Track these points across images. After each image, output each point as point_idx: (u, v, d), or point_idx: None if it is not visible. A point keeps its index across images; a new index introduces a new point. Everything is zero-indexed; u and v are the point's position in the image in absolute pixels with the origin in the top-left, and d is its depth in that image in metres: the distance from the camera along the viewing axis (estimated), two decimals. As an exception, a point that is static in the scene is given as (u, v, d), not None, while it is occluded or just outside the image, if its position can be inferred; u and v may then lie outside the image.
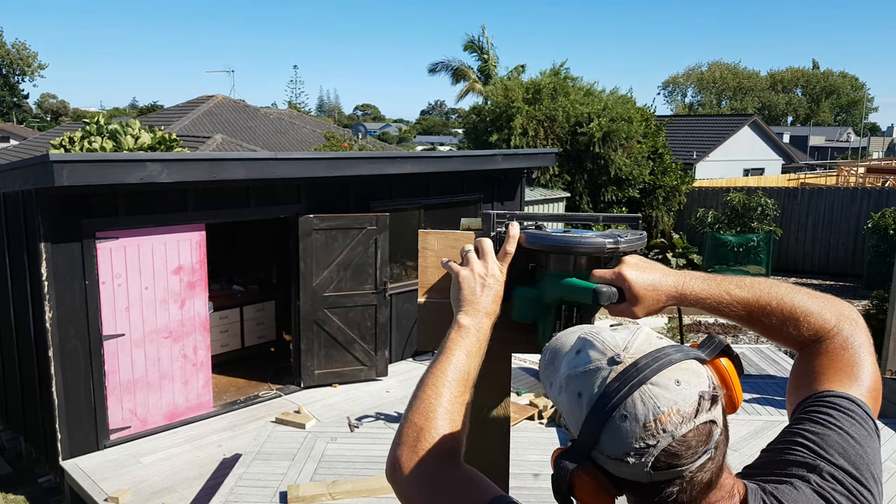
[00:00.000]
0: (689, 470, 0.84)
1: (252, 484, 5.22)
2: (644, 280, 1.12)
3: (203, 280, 6.72)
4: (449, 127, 62.57)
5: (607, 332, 0.91)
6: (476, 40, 21.50)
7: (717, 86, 61.87)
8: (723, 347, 0.94)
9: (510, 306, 1.24)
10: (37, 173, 5.48)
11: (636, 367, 0.84)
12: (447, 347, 1.15)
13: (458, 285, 1.21)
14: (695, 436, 0.83)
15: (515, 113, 15.19)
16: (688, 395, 0.83)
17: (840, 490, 0.92)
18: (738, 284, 1.12)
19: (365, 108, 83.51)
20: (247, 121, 18.28)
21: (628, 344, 0.88)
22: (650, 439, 0.81)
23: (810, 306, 1.09)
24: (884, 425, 6.23)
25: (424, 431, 1.07)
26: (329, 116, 65.29)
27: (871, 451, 0.98)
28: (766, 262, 13.92)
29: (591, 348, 0.89)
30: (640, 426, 0.82)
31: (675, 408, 0.82)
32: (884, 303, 8.29)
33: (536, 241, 1.21)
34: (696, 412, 0.83)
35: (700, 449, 0.83)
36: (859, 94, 61.95)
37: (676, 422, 0.82)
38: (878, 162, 31.92)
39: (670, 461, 0.82)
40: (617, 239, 1.17)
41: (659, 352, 0.86)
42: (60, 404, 5.91)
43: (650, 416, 0.82)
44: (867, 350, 1.07)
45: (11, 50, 50.82)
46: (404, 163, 7.92)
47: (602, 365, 0.86)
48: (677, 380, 0.84)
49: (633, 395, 0.83)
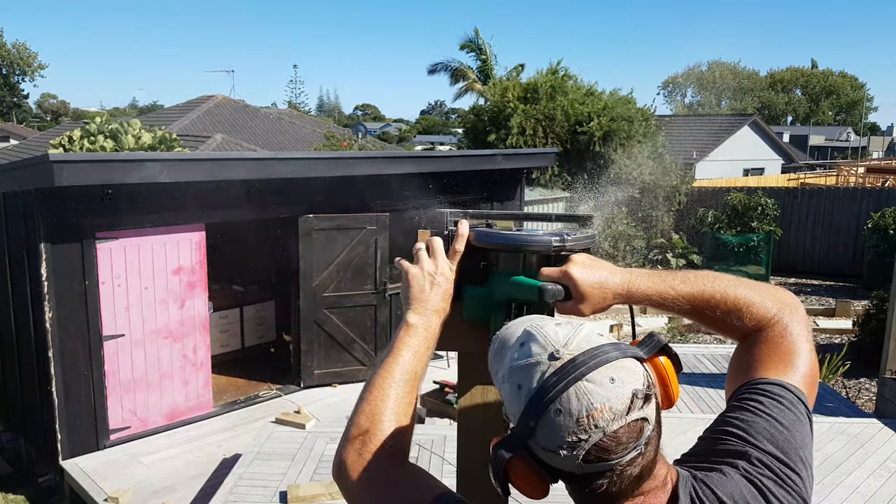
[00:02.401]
0: (619, 464, 0.87)
1: (252, 484, 5.22)
2: (591, 278, 1.14)
3: (203, 280, 6.72)
4: (448, 127, 62.54)
5: (551, 327, 0.93)
6: (473, 40, 21.50)
7: (717, 86, 61.85)
8: (661, 346, 0.97)
9: (462, 304, 1.25)
10: (37, 173, 5.48)
11: (573, 364, 0.87)
12: (395, 347, 1.16)
13: (408, 283, 1.22)
14: (626, 432, 0.86)
15: (511, 112, 15.19)
16: (621, 392, 0.86)
17: (767, 475, 0.96)
18: (683, 280, 1.15)
19: (365, 108, 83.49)
20: (247, 121, 18.29)
21: (569, 340, 0.90)
22: (582, 434, 0.85)
23: (752, 297, 1.11)
24: (884, 425, 6.24)
25: (370, 433, 1.08)
26: (329, 116, 65.28)
27: (799, 435, 1.00)
28: (766, 262, 13.91)
29: (533, 342, 0.91)
30: (573, 421, 0.85)
31: (607, 405, 0.85)
32: (884, 303, 8.29)
33: (485, 240, 1.21)
34: (629, 409, 0.86)
35: (630, 445, 0.86)
36: (859, 94, 61.90)
37: (608, 418, 0.85)
38: (878, 162, 31.93)
39: (601, 455, 0.86)
40: (564, 237, 1.18)
41: (597, 349, 0.89)
42: (60, 404, 5.91)
43: (583, 411, 0.85)
44: (804, 337, 1.10)
45: (11, 50, 50.80)
46: (404, 163, 7.91)
47: (542, 359, 0.89)
48: (612, 377, 0.86)
49: (569, 390, 0.85)
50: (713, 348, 8.77)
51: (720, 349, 8.67)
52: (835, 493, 5.11)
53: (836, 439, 5.95)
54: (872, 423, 6.30)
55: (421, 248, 1.25)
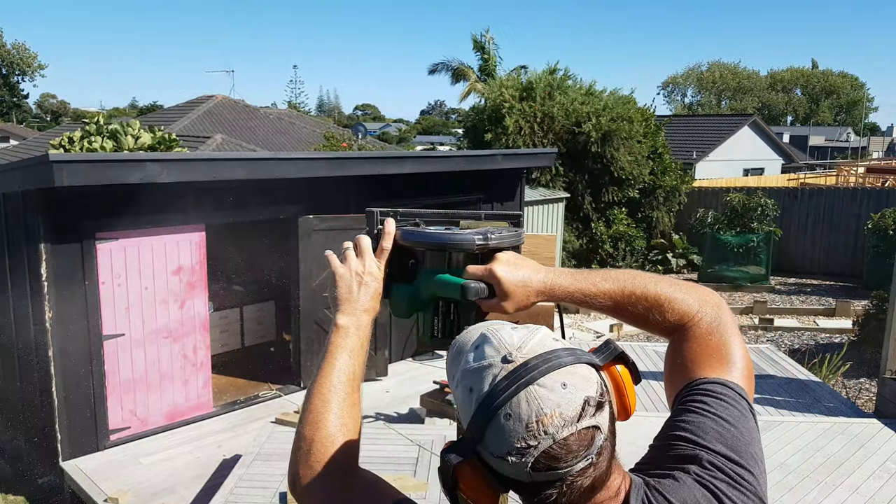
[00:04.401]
0: (569, 473, 0.84)
1: (252, 484, 5.21)
2: (514, 276, 1.14)
3: (203, 280, 6.72)
4: (449, 127, 62.56)
5: (506, 330, 0.91)
6: (479, 40, 21.50)
7: (716, 86, 61.85)
8: (618, 354, 0.94)
9: (390, 303, 1.26)
10: (36, 173, 5.48)
11: (526, 367, 0.85)
12: (329, 352, 1.17)
13: (335, 284, 1.22)
14: (576, 440, 0.83)
15: (507, 112, 15.20)
16: (572, 398, 0.84)
17: (720, 477, 0.94)
18: (605, 277, 1.15)
19: (365, 108, 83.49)
20: (247, 121, 18.28)
21: (523, 343, 0.88)
22: (531, 440, 0.82)
23: (674, 293, 1.12)
24: (884, 425, 6.23)
25: (316, 443, 1.08)
26: (329, 116, 65.28)
27: (746, 431, 1.00)
28: (766, 262, 13.91)
29: (488, 345, 0.89)
30: (522, 426, 0.82)
31: (557, 411, 0.83)
32: (884, 303, 8.29)
33: (410, 238, 1.22)
34: (580, 416, 0.83)
35: (581, 453, 0.84)
36: (859, 94, 61.90)
37: (558, 424, 0.82)
38: (878, 162, 31.94)
39: (550, 463, 0.83)
40: (487, 235, 1.18)
41: (550, 353, 0.87)
42: (60, 404, 5.91)
43: (533, 416, 0.82)
44: (733, 332, 1.10)
45: (11, 50, 50.80)
46: (404, 163, 7.91)
47: (495, 362, 0.87)
48: (564, 383, 0.84)
49: (520, 394, 0.83)
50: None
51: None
52: (835, 493, 5.11)
53: (836, 439, 5.95)
54: (872, 423, 6.30)
55: (349, 248, 1.25)
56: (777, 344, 10.15)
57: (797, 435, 6.03)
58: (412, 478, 5.16)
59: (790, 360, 8.12)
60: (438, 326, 1.24)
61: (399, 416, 6.74)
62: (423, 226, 1.27)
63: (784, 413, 6.55)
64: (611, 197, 15.39)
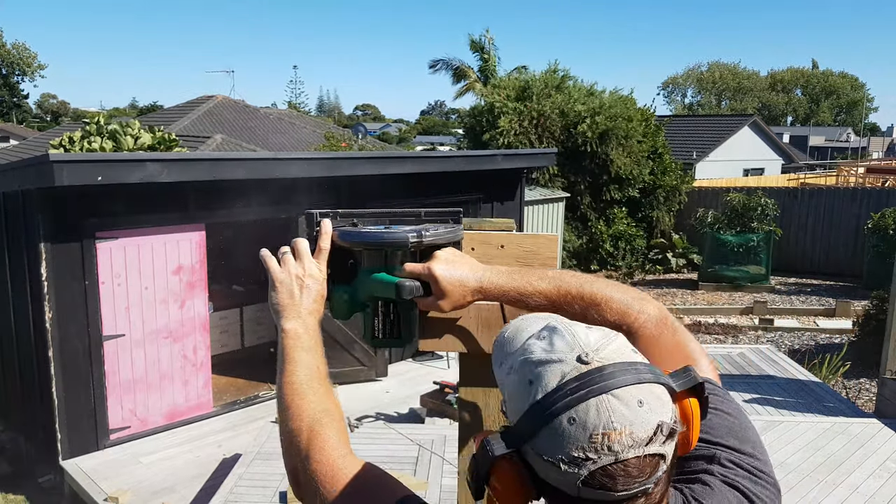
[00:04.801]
0: (622, 498, 0.77)
1: (252, 484, 5.21)
2: (451, 275, 1.13)
3: (203, 280, 6.72)
4: (449, 127, 62.56)
5: (581, 328, 0.84)
6: (477, 40, 21.49)
7: (716, 86, 61.88)
8: (697, 383, 0.85)
9: (330, 304, 1.24)
10: (37, 173, 5.48)
11: (601, 373, 0.77)
12: (286, 354, 1.14)
13: (276, 289, 1.18)
14: (637, 465, 0.76)
15: (501, 112, 15.21)
16: (647, 419, 0.76)
17: (741, 474, 0.92)
18: (541, 277, 1.14)
19: (365, 108, 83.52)
20: (247, 121, 18.28)
21: (601, 346, 0.80)
22: (591, 452, 0.75)
23: (611, 293, 1.11)
24: (884, 425, 6.23)
25: (303, 430, 1.05)
26: (329, 116, 65.31)
27: (745, 420, 0.98)
28: (766, 261, 13.90)
29: (558, 338, 0.82)
30: (586, 435, 0.75)
31: (629, 429, 0.75)
32: (884, 303, 8.29)
33: (347, 238, 1.21)
34: (649, 440, 0.76)
35: (640, 480, 0.76)
36: (859, 94, 61.94)
37: (626, 444, 0.75)
38: (878, 162, 31.95)
39: (604, 482, 0.76)
40: (421, 233, 1.17)
41: (631, 365, 0.79)
42: (60, 404, 5.91)
43: (600, 428, 0.75)
44: (683, 328, 1.08)
45: (11, 50, 50.80)
46: (404, 163, 7.92)
47: (567, 359, 0.79)
48: (640, 400, 0.77)
49: (590, 401, 0.76)
50: (713, 348, 8.78)
51: (720, 349, 8.68)
52: (835, 493, 5.11)
53: (836, 439, 5.95)
54: (872, 423, 6.30)
55: (286, 252, 1.21)
56: (777, 344, 10.15)
57: (797, 435, 6.04)
58: (412, 477, 5.17)
59: (790, 361, 8.12)
60: (379, 327, 1.22)
61: (399, 416, 6.75)
62: (361, 225, 1.25)
63: (784, 413, 6.55)
64: (611, 196, 15.39)
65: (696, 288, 13.84)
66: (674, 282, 14.64)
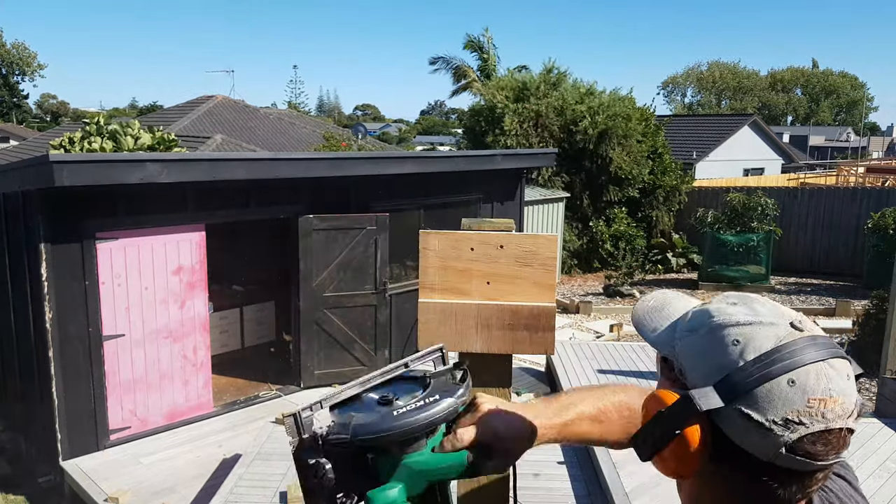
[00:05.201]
0: (818, 470, 0.77)
1: (252, 484, 5.22)
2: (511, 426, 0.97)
3: (203, 280, 6.72)
4: (449, 127, 62.58)
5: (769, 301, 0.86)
6: (476, 40, 21.48)
7: (716, 85, 61.89)
8: None
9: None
10: (37, 173, 5.48)
11: (815, 341, 0.78)
12: None
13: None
14: (839, 436, 0.76)
15: (502, 112, 15.21)
16: (853, 393, 0.77)
17: None
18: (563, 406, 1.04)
19: (365, 108, 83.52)
20: (247, 121, 18.27)
21: (802, 319, 0.81)
22: (805, 417, 0.74)
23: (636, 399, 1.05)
24: (884, 425, 6.23)
25: None
26: (329, 116, 65.32)
27: None
28: (766, 261, 13.90)
29: (758, 305, 0.83)
30: (804, 399, 0.75)
31: (842, 398, 0.76)
32: (884, 303, 8.28)
33: (380, 433, 0.91)
34: (851, 414, 0.77)
35: (835, 453, 0.77)
36: (859, 94, 61.95)
37: (837, 413, 0.75)
38: (878, 162, 31.95)
39: (809, 449, 0.75)
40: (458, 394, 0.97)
41: (831, 341, 0.80)
42: (60, 404, 5.91)
43: (818, 393, 0.75)
44: None
45: (11, 50, 50.80)
46: (404, 163, 7.92)
47: (780, 323, 0.79)
48: (849, 374, 0.78)
49: (810, 366, 0.76)
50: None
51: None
52: (835, 492, 5.10)
53: (836, 439, 5.95)
54: (872, 423, 6.30)
55: None
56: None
57: (797, 434, 6.04)
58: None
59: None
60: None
61: (399, 416, 6.74)
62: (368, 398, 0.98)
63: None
64: (610, 196, 15.40)
65: (696, 288, 13.84)
66: (674, 282, 14.64)
